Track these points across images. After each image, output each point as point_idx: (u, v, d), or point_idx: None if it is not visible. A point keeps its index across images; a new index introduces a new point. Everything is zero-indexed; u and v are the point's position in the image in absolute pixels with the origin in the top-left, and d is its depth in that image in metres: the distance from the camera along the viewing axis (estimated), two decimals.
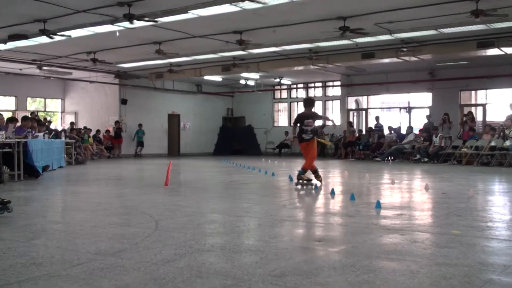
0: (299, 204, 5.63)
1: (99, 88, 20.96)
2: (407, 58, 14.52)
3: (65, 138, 14.13)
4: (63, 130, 16.45)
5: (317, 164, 7.87)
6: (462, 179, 9.08)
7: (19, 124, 9.96)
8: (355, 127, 21.87)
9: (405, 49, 13.48)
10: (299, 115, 7.58)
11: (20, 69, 17.88)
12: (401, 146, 16.72)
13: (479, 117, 17.94)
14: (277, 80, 21.31)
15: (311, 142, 7.51)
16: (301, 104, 23.42)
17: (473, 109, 18.27)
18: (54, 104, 21.74)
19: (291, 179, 8.33)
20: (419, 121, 19.14)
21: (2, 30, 11.48)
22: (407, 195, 6.63)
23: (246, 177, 9.63)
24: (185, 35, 12.48)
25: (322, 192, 6.87)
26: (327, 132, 20.86)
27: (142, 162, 16.82)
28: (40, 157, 9.34)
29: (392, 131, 17.76)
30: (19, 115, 15.59)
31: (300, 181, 7.50)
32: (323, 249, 3.27)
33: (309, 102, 7.62)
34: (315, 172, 7.53)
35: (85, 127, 18.80)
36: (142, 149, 21.01)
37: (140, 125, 21.04)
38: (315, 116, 7.57)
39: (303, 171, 7.56)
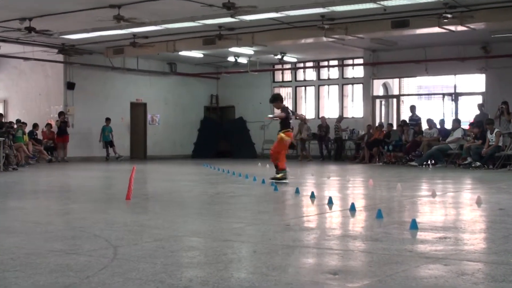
0: (307, 223, 5.65)
1: (36, 67, 20.90)
2: (452, 27, 14.60)
3: None
4: None
5: (333, 169, 7.90)
6: None
7: None
8: (382, 119, 22.00)
9: (450, 16, 13.54)
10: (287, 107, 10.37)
11: None
12: (444, 145, 16.81)
13: None
14: (278, 57, 21.39)
15: (279, 136, 10.22)
16: (310, 89, 23.59)
17: None
18: None
19: (297, 191, 8.36)
20: (468, 112, 19.25)
21: None
22: (452, 212, 6.66)
23: (236, 188, 9.61)
24: None
25: (338, 208, 6.89)
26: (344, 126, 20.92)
27: (96, 167, 16.80)
28: None
29: (433, 126, 17.85)
30: None
31: (282, 180, 9.90)
32: (340, 284, 3.28)
33: (278, 98, 10.44)
34: (276, 167, 9.97)
35: (17, 121, 18.77)
36: (115, 150, 21.04)
37: (107, 120, 21.06)
38: (283, 111, 10.24)
39: (282, 171, 9.97)
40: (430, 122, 17.89)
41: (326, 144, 21.47)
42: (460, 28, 14.55)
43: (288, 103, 24.48)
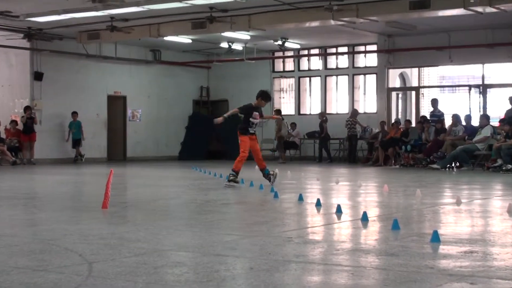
0: (312, 236, 5.65)
1: None
2: (480, 8, 14.60)
3: None
4: None
5: (340, 172, 7.92)
6: None
7: None
8: (399, 115, 22.01)
9: None
10: (250, 104, 10.86)
11: None
12: (471, 146, 16.82)
13: None
14: (279, 43, 21.39)
15: (255, 138, 10.86)
16: (316, 80, 23.63)
17: None
18: None
19: (301, 198, 8.36)
20: (499, 107, 19.27)
21: None
22: (480, 222, 6.67)
23: (229, 195, 9.59)
24: None
25: (348, 217, 6.88)
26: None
27: (67, 171, 16.77)
28: None
29: (459, 123, 17.86)
30: None
31: (270, 177, 10.71)
32: None
33: (267, 96, 11.14)
34: (234, 172, 10.51)
35: None
36: (79, 149, 21.09)
37: (74, 114, 21.03)
38: (260, 111, 10.97)
39: (264, 171, 10.78)
40: (456, 118, 17.75)
41: (325, 144, 21.54)
42: (488, 9, 14.56)
43: (290, 96, 24.53)
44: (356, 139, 20.92)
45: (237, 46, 22.34)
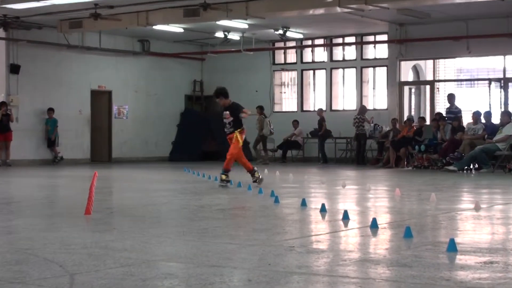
0: (317, 245, 5.65)
1: None
2: None
3: None
4: None
5: (348, 175, 7.94)
6: None
7: None
8: (412, 112, 22.01)
9: None
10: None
11: None
12: (491, 145, 16.81)
13: None
14: (280, 32, 21.39)
15: (231, 137, 11.56)
16: (320, 73, 23.62)
17: None
18: None
19: (304, 203, 8.36)
20: None
21: None
22: (501, 230, 6.67)
23: (225, 200, 9.58)
24: None
25: (356, 224, 6.88)
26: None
27: (46, 173, 16.76)
28: None
29: (478, 121, 17.87)
30: None
31: (222, 183, 11.30)
32: None
33: (219, 93, 11.92)
34: (251, 172, 11.60)
35: None
36: (55, 150, 21.07)
37: (50, 111, 21.01)
38: (232, 108, 11.69)
39: (224, 171, 11.36)
40: (476, 115, 17.70)
41: (322, 144, 21.56)
42: None
43: (291, 90, 24.52)
44: (365, 138, 20.90)
45: (234, 36, 22.34)
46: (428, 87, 21.77)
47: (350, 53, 23.18)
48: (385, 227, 6.58)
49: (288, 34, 21.66)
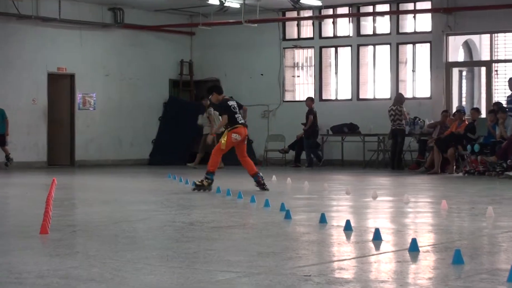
0: (340, 273, 5.64)
1: None
2: None
3: None
4: None
5: (380, 183, 7.88)
6: None
7: None
8: (463, 102, 21.92)
9: None
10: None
11: None
12: None
13: None
14: None
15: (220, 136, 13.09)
16: (344, 52, 23.59)
17: None
18: None
19: (323, 219, 8.34)
20: None
21: None
22: None
23: (223, 215, 9.55)
24: None
25: (391, 247, 6.86)
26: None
27: None
28: None
29: None
30: None
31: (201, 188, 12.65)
32: None
33: (211, 89, 13.43)
34: (207, 173, 12.73)
35: None
36: (6, 149, 21.12)
37: None
38: (221, 108, 13.12)
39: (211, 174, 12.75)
40: None
41: (308, 144, 21.77)
42: None
43: (307, 74, 24.47)
44: (403, 135, 20.81)
45: (233, 3, 22.32)
46: (483, 69, 21.74)
47: (383, 25, 23.14)
48: (428, 250, 6.56)
49: (303, 1, 21.65)
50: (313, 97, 22.71)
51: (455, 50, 21.88)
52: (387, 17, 22.91)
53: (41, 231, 7.42)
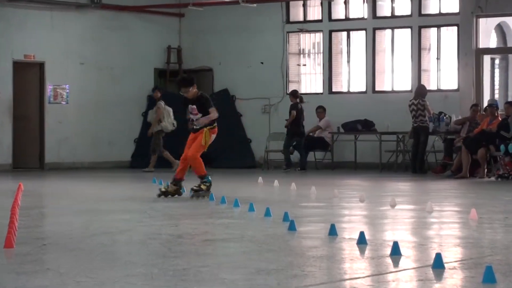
0: None
1: None
2: None
3: None
4: None
5: (400, 189, 7.91)
6: None
7: None
8: (496, 95, 21.93)
9: None
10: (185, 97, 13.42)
11: None
12: None
13: None
14: None
15: (197, 135, 13.13)
16: (358, 36, 23.65)
17: None
18: None
19: (333, 231, 8.34)
20: None
21: None
22: None
23: (217, 226, 9.59)
24: None
25: (412, 263, 6.86)
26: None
27: None
28: None
29: None
30: None
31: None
32: None
33: (183, 83, 13.50)
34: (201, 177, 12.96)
35: None
36: None
37: None
38: (200, 101, 13.26)
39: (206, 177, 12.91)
40: None
41: (288, 143, 21.90)
42: None
43: (315, 62, 24.50)
44: (426, 133, 20.76)
45: None
46: None
47: (402, 5, 23.16)
48: (454, 267, 6.57)
49: None
50: (298, 90, 22.86)
51: (487, 34, 21.90)
52: None
53: (5, 244, 7.42)
